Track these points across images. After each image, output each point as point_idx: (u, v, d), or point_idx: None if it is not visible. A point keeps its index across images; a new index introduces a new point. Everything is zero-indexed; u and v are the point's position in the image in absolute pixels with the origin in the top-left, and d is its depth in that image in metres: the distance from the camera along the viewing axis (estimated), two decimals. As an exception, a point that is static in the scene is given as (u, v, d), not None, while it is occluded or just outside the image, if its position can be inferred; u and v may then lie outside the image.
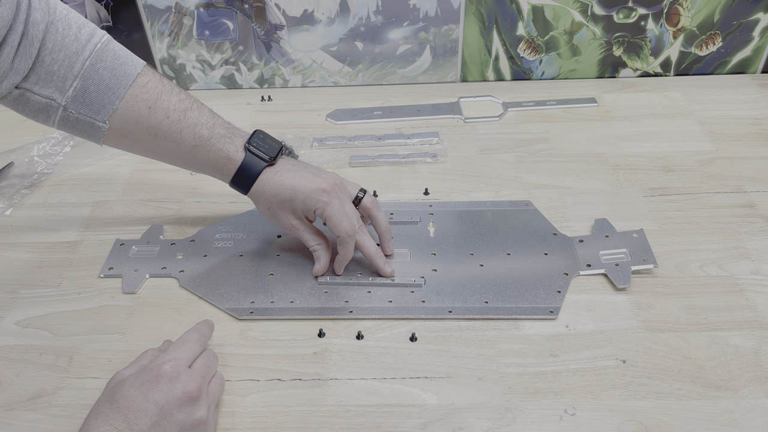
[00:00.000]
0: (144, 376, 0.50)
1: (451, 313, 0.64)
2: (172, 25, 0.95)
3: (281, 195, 0.64)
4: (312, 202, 0.63)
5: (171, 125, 0.63)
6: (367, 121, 0.93)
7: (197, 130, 0.64)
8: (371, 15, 0.94)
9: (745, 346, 0.60)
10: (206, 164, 0.65)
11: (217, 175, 0.66)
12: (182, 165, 0.67)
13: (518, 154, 0.85)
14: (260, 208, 0.67)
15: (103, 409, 0.49)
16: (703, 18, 0.94)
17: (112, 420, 0.48)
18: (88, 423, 0.48)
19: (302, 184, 0.63)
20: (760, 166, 0.81)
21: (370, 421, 0.55)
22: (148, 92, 0.62)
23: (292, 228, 0.66)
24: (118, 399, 0.49)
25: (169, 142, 0.64)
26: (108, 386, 0.52)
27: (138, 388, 0.49)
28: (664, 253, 0.69)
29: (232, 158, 0.64)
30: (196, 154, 0.64)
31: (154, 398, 0.49)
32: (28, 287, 0.69)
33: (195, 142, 0.64)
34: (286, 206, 0.65)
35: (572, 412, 0.55)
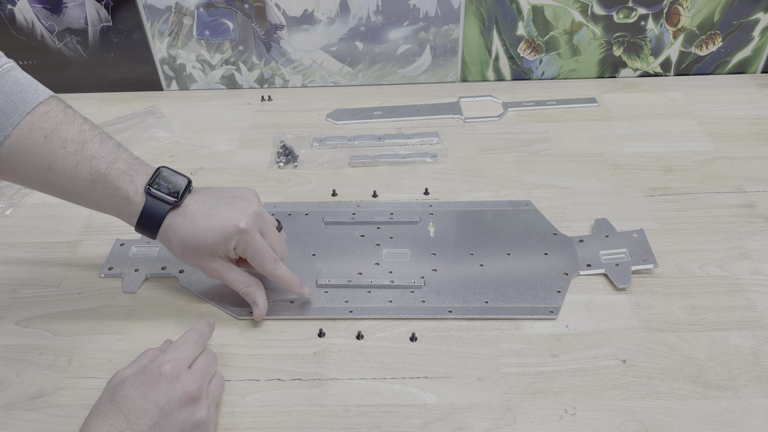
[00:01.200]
0: (144, 376, 0.50)
1: (451, 313, 0.64)
2: (172, 25, 0.95)
3: (196, 239, 0.59)
4: (232, 243, 0.59)
5: (66, 156, 0.56)
6: (367, 121, 0.93)
7: (95, 163, 0.57)
8: (371, 15, 0.94)
9: (745, 346, 0.60)
10: (104, 204, 0.59)
11: (119, 217, 0.60)
12: (79, 202, 0.60)
13: (518, 154, 0.85)
14: (174, 252, 0.61)
15: (104, 409, 0.49)
16: (703, 18, 0.94)
17: (113, 420, 0.48)
18: (88, 423, 0.48)
19: (218, 225, 0.58)
20: (760, 166, 0.81)
21: (370, 421, 0.55)
22: (47, 121, 0.56)
23: (214, 273, 0.61)
24: (118, 399, 0.49)
25: (63, 176, 0.57)
26: (108, 386, 0.52)
27: (138, 389, 0.49)
28: (664, 253, 0.69)
29: (131, 200, 0.58)
30: (93, 190, 0.57)
31: (155, 398, 0.49)
32: (28, 287, 0.69)
33: (91, 177, 0.57)
34: (204, 251, 0.59)
35: (572, 412, 0.55)
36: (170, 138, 0.91)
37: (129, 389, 0.50)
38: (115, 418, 0.48)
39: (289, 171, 0.84)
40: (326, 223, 0.75)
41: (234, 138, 0.91)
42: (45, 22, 0.94)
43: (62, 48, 0.97)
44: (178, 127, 0.93)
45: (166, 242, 0.60)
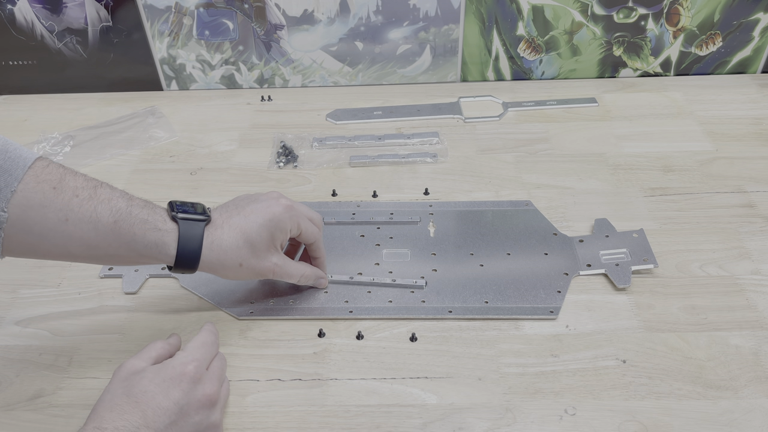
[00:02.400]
0: (165, 372, 0.50)
1: (451, 313, 0.64)
2: (172, 25, 0.95)
3: (251, 238, 0.57)
4: (286, 224, 0.59)
5: (82, 204, 0.52)
6: (367, 121, 0.93)
7: (113, 204, 0.53)
8: (371, 15, 0.94)
9: (745, 346, 0.60)
10: (134, 244, 0.54)
11: (150, 256, 0.55)
12: (107, 256, 0.55)
13: (518, 154, 0.85)
14: (228, 269, 0.57)
15: (119, 401, 0.48)
16: (703, 18, 0.94)
17: (129, 415, 0.47)
18: (100, 414, 0.47)
19: (262, 216, 0.58)
20: (760, 166, 0.81)
21: (370, 421, 0.55)
22: (50, 173, 0.53)
23: (275, 268, 0.60)
24: (136, 393, 0.48)
25: (83, 225, 0.52)
26: (119, 376, 0.50)
27: (159, 385, 0.49)
28: (664, 253, 0.69)
29: (162, 229, 0.54)
30: (119, 231, 0.53)
31: (176, 397, 0.48)
32: (28, 287, 0.69)
33: (114, 218, 0.53)
34: (262, 247, 0.58)
35: (572, 412, 0.55)
36: (170, 138, 0.91)
37: (149, 384, 0.49)
38: (131, 412, 0.47)
39: (289, 171, 0.84)
40: (326, 224, 0.75)
41: (234, 138, 0.91)
42: (45, 22, 0.94)
43: (62, 48, 0.97)
44: (178, 127, 0.93)
45: (215, 261, 0.56)
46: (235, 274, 0.58)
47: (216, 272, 0.57)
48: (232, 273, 0.58)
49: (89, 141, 0.90)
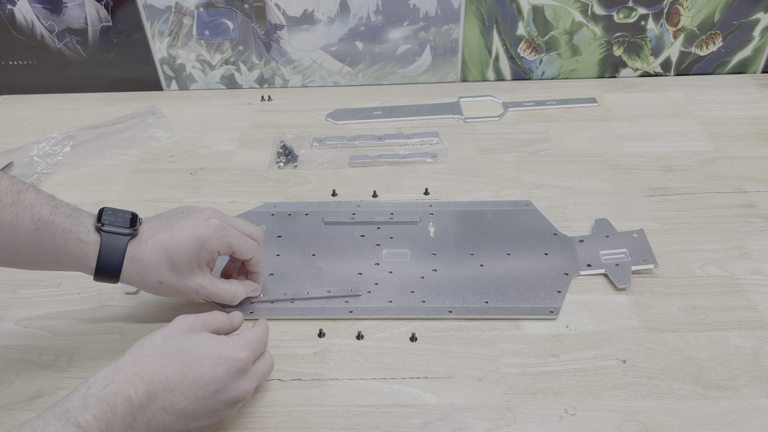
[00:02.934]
0: (221, 349, 0.50)
1: (451, 313, 0.64)
2: (172, 25, 0.95)
3: (173, 255, 0.56)
4: (212, 244, 0.57)
5: (3, 209, 0.52)
6: (367, 121, 0.93)
7: (36, 211, 0.53)
8: (371, 15, 0.94)
9: (745, 346, 0.60)
10: (55, 254, 0.54)
11: (70, 265, 0.55)
12: (27, 262, 0.56)
13: (518, 154, 0.85)
14: (148, 284, 0.57)
15: (167, 354, 0.48)
16: (703, 18, 0.94)
17: (170, 372, 0.47)
18: (143, 359, 0.47)
19: (188, 234, 0.57)
20: (760, 166, 0.81)
21: (370, 421, 0.55)
22: None
23: (198, 289, 0.58)
24: (189, 358, 0.48)
25: (4, 231, 0.52)
26: (177, 328, 0.50)
27: (211, 358, 0.49)
28: (664, 253, 0.69)
29: (84, 240, 0.54)
30: (39, 241, 0.53)
31: (219, 376, 0.49)
32: (28, 287, 0.69)
33: (35, 225, 0.53)
34: (184, 266, 0.57)
35: (572, 412, 0.55)
36: (170, 138, 0.91)
37: (203, 352, 0.49)
38: (174, 370, 0.47)
39: (289, 171, 0.84)
40: (326, 223, 0.75)
41: (234, 138, 0.91)
42: (45, 22, 0.94)
43: (62, 48, 0.97)
44: (178, 127, 0.93)
45: (135, 276, 0.56)
46: (155, 290, 0.58)
47: (137, 286, 0.58)
48: (152, 289, 0.57)
49: (89, 141, 0.90)
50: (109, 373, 0.46)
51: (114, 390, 0.45)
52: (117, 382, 0.45)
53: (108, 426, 0.44)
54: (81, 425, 0.42)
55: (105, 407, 0.44)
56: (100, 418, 0.43)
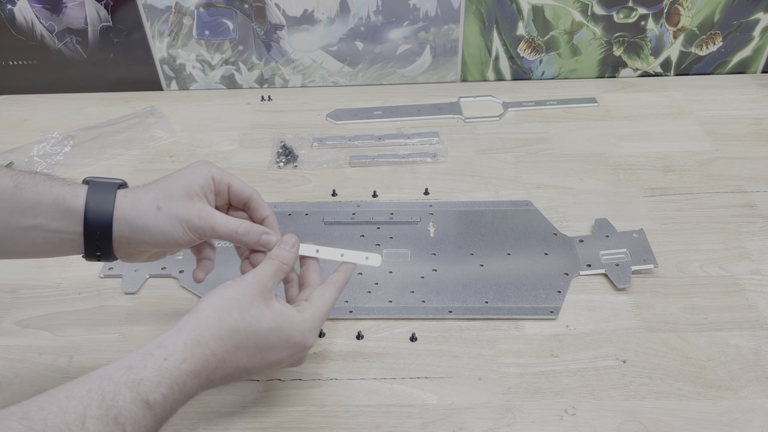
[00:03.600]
0: (291, 333, 0.49)
1: (451, 313, 0.64)
2: (172, 25, 0.95)
3: (167, 186, 0.51)
4: (204, 169, 0.52)
5: None
6: (367, 121, 0.93)
7: (15, 173, 0.49)
8: (371, 15, 0.94)
9: (745, 346, 0.60)
10: (37, 207, 0.48)
11: (54, 217, 0.49)
12: (4, 231, 0.48)
13: (518, 154, 0.85)
14: (147, 218, 0.50)
15: (245, 342, 0.47)
16: (703, 18, 0.94)
17: (243, 358, 0.47)
18: (221, 335, 0.46)
19: (184, 173, 0.52)
20: (760, 166, 0.81)
21: (370, 421, 0.55)
22: None
23: (200, 213, 0.51)
24: (262, 349, 0.48)
25: None
26: (251, 290, 0.48)
27: (281, 343, 0.49)
28: (664, 253, 0.69)
29: (71, 184, 0.49)
30: (20, 196, 0.48)
31: (282, 357, 0.50)
32: (28, 287, 0.69)
33: (15, 181, 0.48)
34: (180, 191, 0.51)
35: (572, 412, 0.55)
36: (170, 138, 0.91)
37: (275, 339, 0.48)
38: (246, 354, 0.47)
39: (289, 171, 0.84)
40: (326, 223, 0.75)
41: (234, 138, 0.91)
42: (45, 22, 0.94)
43: (62, 48, 0.97)
44: (178, 127, 0.93)
45: (130, 208, 0.50)
46: (154, 221, 0.50)
47: (133, 224, 0.50)
48: (151, 220, 0.50)
49: (89, 141, 0.90)
50: (188, 345, 0.44)
51: (188, 368, 0.44)
52: (194, 357, 0.44)
53: (172, 403, 0.43)
54: (149, 403, 0.41)
55: (175, 386, 0.43)
56: (167, 397, 0.43)
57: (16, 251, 0.50)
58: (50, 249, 0.51)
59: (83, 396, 0.40)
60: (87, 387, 0.40)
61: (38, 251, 0.50)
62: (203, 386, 0.46)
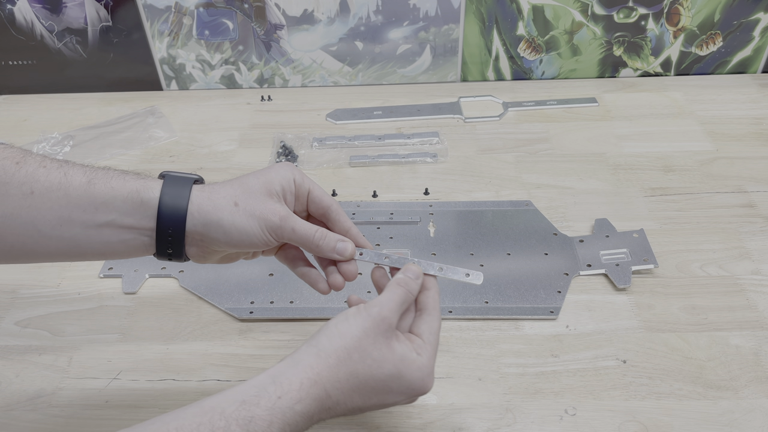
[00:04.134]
0: (410, 379, 0.45)
1: (451, 313, 0.64)
2: (171, 25, 0.95)
3: (245, 183, 0.49)
4: (286, 171, 0.50)
5: (50, 172, 0.46)
6: (367, 121, 0.93)
7: (87, 169, 0.47)
8: (371, 15, 0.94)
9: (745, 346, 0.60)
10: (111, 201, 0.46)
11: (128, 212, 0.47)
12: (79, 230, 0.47)
13: (518, 154, 0.85)
14: (222, 213, 0.47)
15: (363, 387, 0.44)
16: (703, 18, 0.94)
17: (359, 401, 0.45)
18: (339, 379, 0.43)
19: (263, 172, 0.50)
20: (760, 166, 0.81)
21: (370, 421, 0.55)
22: (12, 152, 0.47)
23: (280, 212, 0.48)
24: (380, 394, 0.45)
25: (53, 193, 0.46)
26: (374, 333, 0.45)
27: (399, 389, 0.46)
28: (664, 253, 0.69)
29: (145, 178, 0.48)
30: (94, 192, 0.46)
31: (397, 400, 0.46)
32: (28, 287, 0.69)
33: (89, 177, 0.47)
34: (259, 190, 0.49)
35: (572, 413, 0.55)
36: (170, 138, 0.91)
37: (394, 385, 0.45)
38: (361, 397, 0.44)
39: (289, 171, 0.84)
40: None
41: (234, 138, 0.91)
42: (45, 22, 0.94)
43: (62, 48, 0.97)
44: (178, 127, 0.93)
45: (207, 202, 0.47)
46: (230, 218, 0.47)
47: (207, 219, 0.47)
48: (227, 216, 0.47)
49: (89, 141, 0.90)
50: (305, 385, 0.42)
51: (302, 409, 0.42)
52: (309, 398, 0.42)
53: None
54: None
55: (287, 427, 0.41)
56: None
57: (91, 252, 0.48)
58: (123, 248, 0.48)
59: (193, 430, 0.39)
60: (198, 420, 0.39)
61: (112, 251, 0.48)
62: (314, 423, 0.44)
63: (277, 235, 0.49)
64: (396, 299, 0.47)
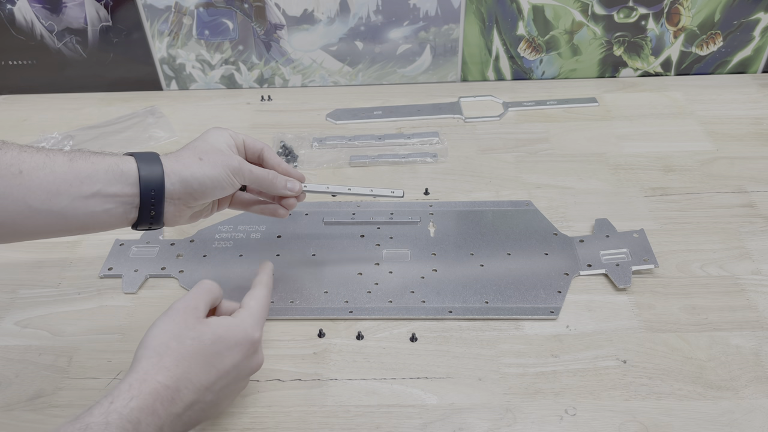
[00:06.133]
0: (234, 335, 0.50)
1: (451, 313, 0.64)
2: (171, 25, 0.95)
3: (201, 147, 0.57)
4: (223, 131, 0.59)
5: (33, 154, 0.51)
6: (367, 120, 0.93)
7: (65, 151, 0.53)
8: (371, 14, 0.94)
9: (745, 346, 0.60)
10: (94, 175, 0.52)
11: (109, 181, 0.52)
12: (67, 202, 0.51)
13: (518, 154, 0.85)
14: (194, 169, 0.55)
15: (194, 362, 0.47)
16: (703, 18, 0.94)
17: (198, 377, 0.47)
18: (167, 367, 0.46)
19: (204, 136, 0.59)
20: (760, 165, 0.81)
21: (370, 421, 0.55)
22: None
23: (240, 163, 0.58)
24: (213, 360, 0.48)
25: (39, 172, 0.50)
26: (185, 324, 0.49)
27: (229, 348, 0.49)
28: (664, 253, 0.69)
29: (120, 156, 0.54)
30: (77, 168, 0.52)
31: (237, 361, 0.50)
32: (28, 287, 0.69)
33: (69, 156, 0.52)
34: (215, 148, 0.57)
35: (573, 413, 0.55)
36: (170, 138, 0.91)
37: (221, 346, 0.49)
38: (198, 372, 0.47)
39: (289, 171, 0.84)
40: (326, 223, 0.75)
41: (234, 138, 0.91)
42: (44, 22, 0.94)
43: (62, 48, 0.97)
44: (178, 126, 0.93)
45: (175, 162, 0.55)
46: (201, 170, 0.55)
47: (182, 176, 0.55)
48: (198, 169, 0.55)
49: (89, 141, 0.90)
50: (134, 385, 0.44)
51: (138, 405, 0.43)
52: (143, 394, 0.44)
53: None
54: None
55: (128, 425, 0.42)
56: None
57: (76, 224, 0.53)
58: (106, 218, 0.53)
59: None
60: None
61: (95, 222, 0.53)
62: (169, 422, 0.45)
63: (239, 177, 0.58)
64: (197, 289, 0.53)
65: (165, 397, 0.45)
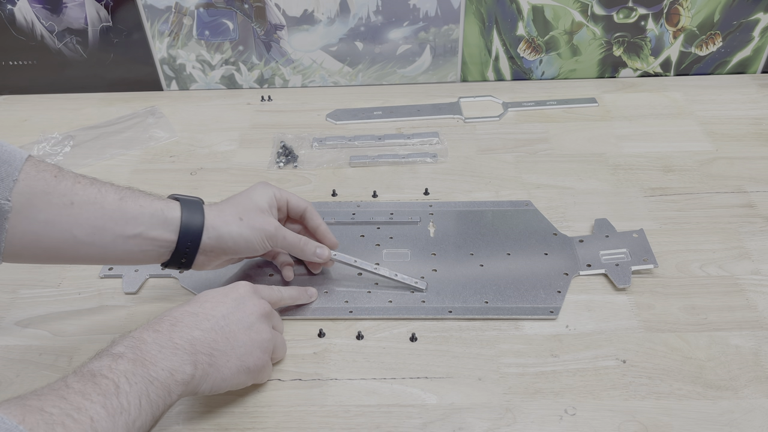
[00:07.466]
0: (225, 292, 0.55)
1: (451, 313, 0.64)
2: (172, 25, 0.95)
3: (243, 204, 0.60)
4: (268, 189, 0.62)
5: (86, 187, 0.54)
6: (367, 121, 0.93)
7: (118, 188, 0.56)
8: (371, 15, 0.94)
9: (745, 346, 0.60)
10: (140, 216, 0.55)
11: (152, 225, 0.55)
12: (110, 242, 0.54)
13: (518, 154, 0.85)
14: (231, 227, 0.58)
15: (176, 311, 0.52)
16: (703, 18, 0.94)
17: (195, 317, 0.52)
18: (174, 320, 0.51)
19: (245, 193, 0.62)
20: (760, 166, 0.81)
21: (370, 421, 0.55)
22: (47, 166, 0.53)
23: (277, 227, 0.61)
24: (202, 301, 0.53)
25: (90, 206, 0.53)
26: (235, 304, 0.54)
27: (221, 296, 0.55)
28: (664, 253, 0.69)
29: (166, 200, 0.57)
30: (125, 207, 0.54)
31: None
32: (28, 287, 0.69)
33: (120, 195, 0.55)
34: (255, 209, 0.60)
35: (572, 413, 0.55)
36: (170, 138, 0.91)
37: (204, 295, 0.54)
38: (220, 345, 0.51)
39: (289, 171, 0.84)
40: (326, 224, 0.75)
41: (234, 138, 0.91)
42: (45, 22, 0.94)
43: (62, 48, 0.97)
44: (178, 127, 0.93)
45: (216, 218, 0.58)
46: (238, 230, 0.58)
47: (219, 232, 0.58)
48: (236, 228, 0.58)
49: (89, 141, 0.90)
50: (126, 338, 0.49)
51: (138, 333, 0.49)
52: (139, 330, 0.49)
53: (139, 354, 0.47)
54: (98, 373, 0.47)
55: (131, 340, 0.48)
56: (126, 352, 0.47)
57: (113, 258, 0.56)
58: (141, 257, 0.56)
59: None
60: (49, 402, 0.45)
61: (130, 258, 0.56)
62: (179, 344, 0.49)
63: (273, 243, 0.61)
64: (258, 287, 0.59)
65: (165, 325, 0.50)
